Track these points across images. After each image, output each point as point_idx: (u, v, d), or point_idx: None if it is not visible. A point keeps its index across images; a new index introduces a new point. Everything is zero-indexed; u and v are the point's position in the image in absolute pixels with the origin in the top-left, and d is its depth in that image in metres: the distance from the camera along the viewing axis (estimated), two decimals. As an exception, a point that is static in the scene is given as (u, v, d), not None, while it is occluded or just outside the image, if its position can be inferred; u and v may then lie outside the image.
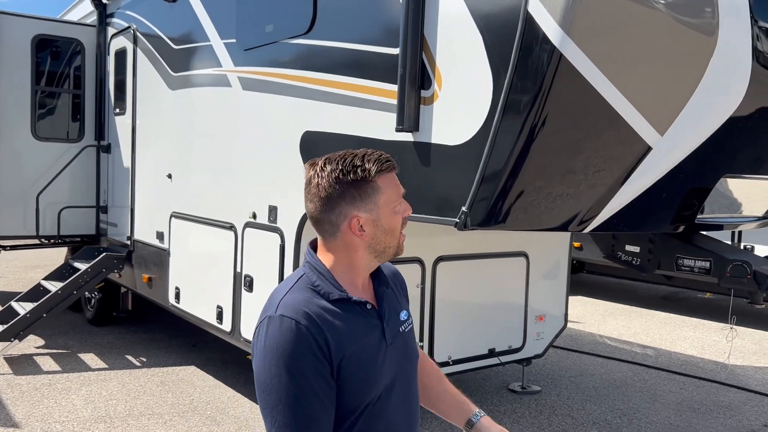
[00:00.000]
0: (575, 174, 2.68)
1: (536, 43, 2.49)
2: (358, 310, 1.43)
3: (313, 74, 3.68)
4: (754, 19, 2.50)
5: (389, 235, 1.45)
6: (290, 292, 1.41)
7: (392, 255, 1.50)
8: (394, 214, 1.45)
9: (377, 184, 1.42)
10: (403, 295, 1.64)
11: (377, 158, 1.44)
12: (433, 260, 4.54)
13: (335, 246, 1.45)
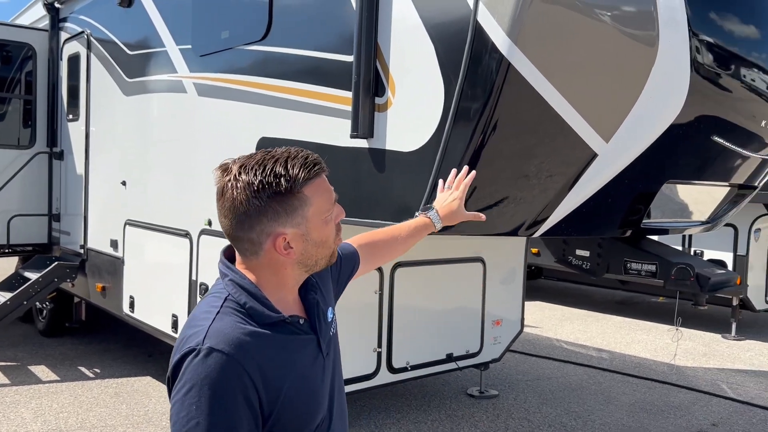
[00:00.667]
0: (525, 179, 2.75)
1: (485, 52, 2.54)
2: (292, 329, 1.27)
3: (269, 81, 3.68)
4: (693, 32, 2.60)
5: (321, 247, 1.29)
6: (218, 318, 1.20)
7: (326, 265, 1.34)
8: (326, 224, 1.28)
9: (304, 194, 1.22)
10: (328, 285, 1.50)
11: (303, 162, 1.23)
12: (391, 266, 4.56)
13: (258, 265, 1.27)
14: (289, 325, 1.26)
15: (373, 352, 4.46)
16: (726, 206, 3.55)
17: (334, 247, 1.33)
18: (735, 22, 2.87)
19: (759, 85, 2.98)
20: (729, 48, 2.81)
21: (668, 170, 2.91)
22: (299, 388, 1.24)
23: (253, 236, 1.23)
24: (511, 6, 2.48)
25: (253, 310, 1.22)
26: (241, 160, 1.24)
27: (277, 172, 1.20)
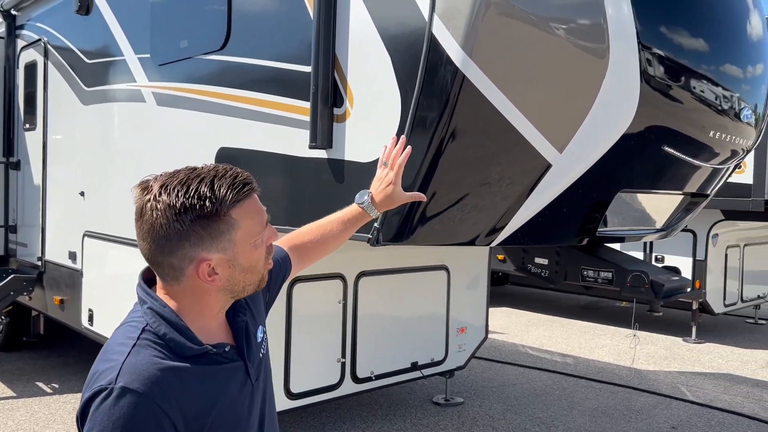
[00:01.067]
0: (481, 189, 2.77)
1: (440, 64, 2.56)
2: (216, 359, 1.19)
3: (228, 90, 3.66)
4: (642, 45, 2.66)
5: (250, 273, 1.20)
6: (133, 352, 1.10)
7: (254, 290, 1.26)
8: (255, 249, 1.19)
9: (232, 217, 1.14)
10: (258, 299, 1.42)
11: (231, 183, 1.15)
12: (355, 276, 4.56)
13: (179, 291, 1.18)
14: (214, 355, 1.18)
15: (336, 362, 4.44)
16: (680, 214, 3.63)
17: (264, 271, 1.25)
18: (684, 35, 2.94)
19: (708, 96, 3.05)
20: (678, 60, 2.88)
21: (621, 180, 2.97)
22: (225, 420, 1.17)
23: (174, 261, 1.14)
24: (465, 19, 2.50)
25: (173, 342, 1.13)
26: (162, 178, 1.16)
27: (202, 193, 1.12)
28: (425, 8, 2.61)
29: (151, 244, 1.15)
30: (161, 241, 1.13)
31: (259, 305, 1.43)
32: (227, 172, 1.18)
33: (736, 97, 3.24)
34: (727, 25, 3.23)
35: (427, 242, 2.88)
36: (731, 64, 3.24)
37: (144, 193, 1.16)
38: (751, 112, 3.39)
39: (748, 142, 3.49)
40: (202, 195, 1.13)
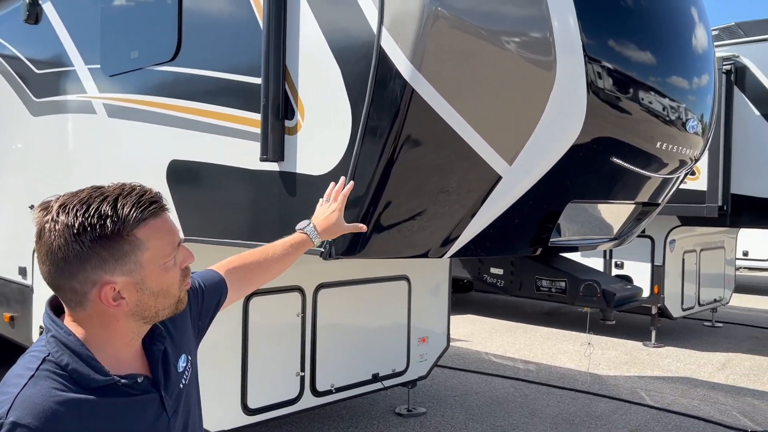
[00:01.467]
0: (433, 202, 2.76)
1: (389, 77, 2.55)
2: (126, 390, 1.13)
3: (180, 102, 3.59)
4: (588, 57, 2.69)
5: (162, 297, 1.15)
6: (30, 384, 1.04)
7: (171, 314, 1.20)
8: (166, 271, 1.14)
9: (137, 237, 1.09)
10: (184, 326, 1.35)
11: (136, 201, 1.11)
12: (314, 288, 4.52)
13: (85, 318, 1.12)
14: (123, 386, 1.12)
15: (296, 376, 4.39)
16: (632, 223, 3.68)
17: (180, 294, 1.20)
18: (631, 47, 2.99)
19: (655, 107, 3.10)
20: (625, 72, 2.92)
21: (571, 191, 2.99)
22: None
23: (75, 285, 1.09)
24: (413, 32, 2.50)
25: (76, 372, 1.07)
26: (63, 198, 1.12)
27: (103, 212, 1.08)
28: (374, 21, 2.59)
29: (50, 267, 1.10)
30: (60, 264, 1.09)
31: (185, 332, 1.36)
32: (133, 191, 1.14)
33: (683, 108, 3.30)
34: (673, 37, 3.29)
35: (379, 255, 2.86)
36: (678, 76, 3.30)
37: (43, 214, 1.12)
38: (698, 122, 3.46)
39: (696, 151, 3.56)
40: (103, 214, 1.08)
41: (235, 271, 1.65)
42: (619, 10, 3.00)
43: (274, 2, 2.96)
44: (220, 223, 3.38)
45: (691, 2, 3.46)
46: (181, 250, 1.20)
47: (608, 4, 2.94)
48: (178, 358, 1.28)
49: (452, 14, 2.54)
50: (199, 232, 3.50)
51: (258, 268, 1.73)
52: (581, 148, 2.80)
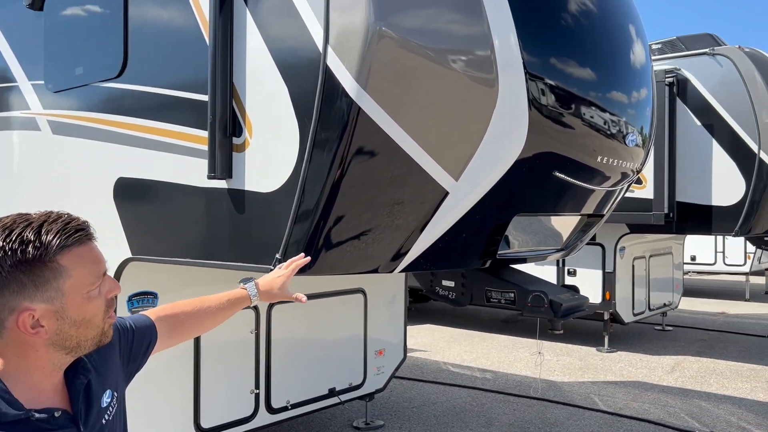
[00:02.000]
0: (381, 218, 2.79)
1: (336, 95, 2.58)
2: (41, 426, 1.09)
3: (126, 119, 3.54)
4: (529, 73, 2.77)
5: (84, 327, 1.13)
6: None
7: (94, 347, 1.17)
8: (89, 301, 1.13)
9: (60, 264, 1.09)
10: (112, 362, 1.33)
11: (61, 228, 1.11)
12: (267, 304, 4.48)
13: (2, 346, 1.09)
14: (37, 421, 1.09)
15: (250, 393, 4.35)
16: (578, 233, 3.78)
17: (104, 326, 1.18)
18: (570, 64, 3.08)
19: (596, 122, 3.20)
20: (565, 88, 3.01)
21: (517, 204, 3.06)
22: None
23: None
24: (359, 51, 2.53)
25: None
26: None
27: (25, 237, 1.07)
28: (319, 40, 2.62)
29: None
30: None
31: (112, 367, 1.34)
32: (59, 218, 1.13)
33: (623, 122, 3.41)
34: (612, 54, 3.41)
35: (330, 272, 2.87)
36: (617, 91, 3.42)
37: None
38: (638, 136, 3.58)
39: (637, 163, 3.68)
40: (25, 240, 1.08)
41: (166, 320, 1.62)
42: (559, 28, 3.09)
43: (220, 20, 2.96)
44: (168, 242, 3.34)
45: (629, 19, 3.59)
46: (106, 280, 1.19)
47: (548, 23, 3.04)
48: (102, 393, 1.25)
49: (396, 33, 2.58)
50: (148, 251, 3.45)
51: (190, 320, 1.69)
52: (525, 163, 2.87)
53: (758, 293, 13.97)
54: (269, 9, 2.88)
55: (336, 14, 2.60)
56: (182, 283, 3.93)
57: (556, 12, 3.09)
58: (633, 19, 3.63)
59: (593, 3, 3.31)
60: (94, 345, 1.19)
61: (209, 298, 1.76)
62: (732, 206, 7.05)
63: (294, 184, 2.74)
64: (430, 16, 2.73)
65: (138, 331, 1.51)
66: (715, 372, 7.26)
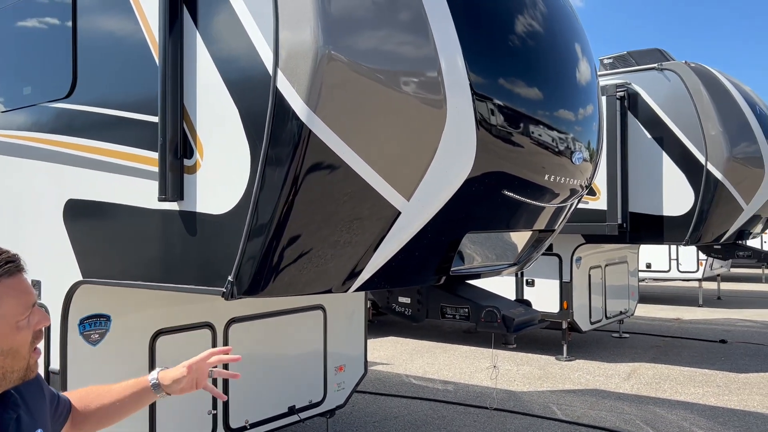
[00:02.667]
0: (334, 239, 2.81)
1: (286, 118, 2.59)
2: None
3: (76, 140, 3.50)
4: (475, 94, 2.83)
5: (12, 358, 1.15)
6: None
7: (20, 380, 1.18)
8: (17, 331, 1.15)
9: None
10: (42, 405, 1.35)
11: None
12: (224, 323, 4.45)
13: None
14: None
15: (207, 414, 4.29)
16: (530, 248, 3.86)
17: (30, 360, 1.19)
18: (517, 83, 3.15)
19: (544, 140, 3.28)
20: (513, 107, 3.08)
21: (469, 222, 3.12)
22: None
23: None
24: (308, 75, 2.55)
25: None
26: None
27: None
28: (269, 63, 2.63)
29: None
30: None
31: (41, 408, 1.35)
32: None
33: (571, 138, 3.50)
34: (557, 72, 3.49)
35: (283, 293, 2.87)
36: (564, 109, 3.50)
37: None
38: (586, 152, 3.67)
39: (585, 178, 3.78)
40: None
41: (76, 401, 1.60)
42: (505, 49, 3.17)
43: (170, 41, 2.96)
44: (120, 265, 3.29)
45: (574, 37, 3.68)
46: (35, 312, 1.20)
47: (494, 44, 3.10)
48: (34, 430, 1.26)
49: (345, 56, 2.61)
50: (99, 274, 3.40)
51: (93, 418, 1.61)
52: (474, 182, 2.93)
53: (711, 299, 14.39)
54: (219, 31, 2.89)
55: (285, 37, 2.62)
56: (135, 305, 3.88)
57: (502, 33, 3.16)
58: (578, 37, 3.73)
59: (539, 23, 3.40)
60: (19, 378, 1.19)
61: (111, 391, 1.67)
62: (682, 216, 7.27)
63: (245, 206, 2.74)
64: (378, 38, 2.77)
65: (62, 401, 1.50)
66: (670, 378, 7.45)
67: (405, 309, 3.53)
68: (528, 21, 3.34)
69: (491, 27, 3.12)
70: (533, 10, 3.39)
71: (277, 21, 2.64)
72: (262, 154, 2.66)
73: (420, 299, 3.51)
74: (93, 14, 3.48)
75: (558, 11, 3.58)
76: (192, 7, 2.96)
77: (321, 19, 2.59)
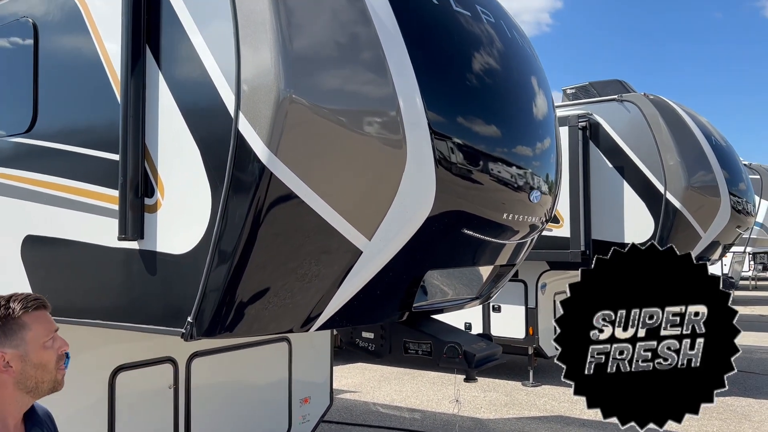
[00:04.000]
0: (296, 279, 2.82)
1: (247, 160, 2.61)
2: None
3: (35, 175, 3.46)
4: (434, 132, 2.88)
5: (41, 370, 1.54)
6: None
7: (49, 391, 1.56)
8: (45, 350, 1.55)
9: (23, 320, 1.53)
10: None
11: (24, 298, 1.58)
12: (186, 357, 4.40)
13: None
14: None
15: (169, 450, 4.22)
16: (491, 282, 3.91)
17: (56, 374, 1.56)
18: (475, 122, 3.20)
19: (503, 176, 3.33)
20: (471, 145, 3.11)
21: (430, 260, 3.16)
22: None
23: None
24: (269, 118, 2.58)
25: None
26: None
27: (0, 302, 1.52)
28: (231, 106, 2.65)
29: None
30: None
31: None
32: (23, 294, 1.59)
33: (529, 173, 3.55)
34: (514, 109, 3.55)
35: (244, 334, 2.87)
36: (522, 144, 3.56)
37: None
38: (545, 184, 3.73)
39: (545, 212, 3.84)
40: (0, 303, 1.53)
41: None
42: (462, 87, 3.21)
43: (132, 79, 2.96)
44: (78, 303, 3.25)
45: (531, 71, 3.75)
46: (57, 338, 1.60)
47: (451, 82, 3.15)
48: None
49: (306, 99, 2.64)
50: (56, 312, 3.31)
51: None
52: (435, 221, 2.97)
53: (674, 320, 14.63)
54: (181, 71, 2.91)
55: (247, 79, 2.64)
56: (94, 341, 3.81)
57: (459, 72, 3.21)
58: (535, 71, 3.80)
59: (495, 60, 3.47)
60: (48, 389, 1.56)
61: None
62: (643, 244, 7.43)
63: (206, 246, 2.74)
64: (338, 79, 2.81)
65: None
66: (633, 403, 7.54)
67: (368, 344, 3.54)
68: (485, 59, 3.40)
69: (448, 66, 3.17)
70: (490, 48, 3.46)
71: (239, 63, 2.66)
72: (223, 195, 2.67)
73: (383, 334, 3.53)
74: (55, 50, 3.46)
75: (515, 48, 3.66)
76: (155, 47, 2.98)
77: (282, 62, 2.62)
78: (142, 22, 2.97)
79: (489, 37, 3.45)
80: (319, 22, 2.83)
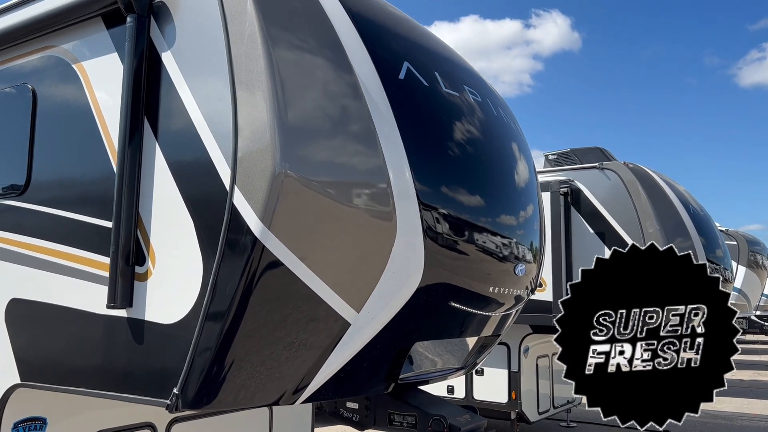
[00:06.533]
0: (284, 350, 2.83)
1: (241, 233, 2.65)
2: None
3: (25, 239, 3.46)
4: (422, 204, 2.95)
5: None
6: None
7: None
8: None
9: None
10: None
11: None
12: (166, 424, 4.31)
13: None
14: None
15: None
16: (476, 353, 3.93)
17: None
18: (460, 192, 3.29)
19: (489, 247, 3.40)
20: (457, 215, 3.20)
21: (417, 333, 3.19)
22: None
23: None
24: (264, 192, 2.64)
25: None
26: None
27: None
28: (227, 179, 2.71)
29: None
30: None
31: None
32: None
33: (514, 243, 3.64)
34: (498, 178, 3.66)
35: (230, 406, 2.85)
36: (505, 214, 3.66)
37: None
38: (529, 253, 3.81)
39: (530, 281, 3.91)
40: None
41: None
42: (448, 158, 3.31)
43: (129, 150, 3.01)
44: (61, 369, 3.21)
45: (513, 139, 3.89)
46: None
47: (438, 155, 3.25)
48: None
49: (300, 174, 2.71)
50: (39, 378, 3.30)
51: None
52: (423, 293, 3.01)
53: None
54: (178, 143, 2.97)
55: (243, 154, 2.71)
56: (74, 406, 3.74)
57: (445, 144, 3.32)
58: (516, 138, 3.94)
59: (480, 135, 3.59)
60: None
61: None
62: (624, 308, 7.51)
63: (195, 317, 2.75)
64: (331, 156, 2.88)
65: None
66: (616, 471, 7.46)
67: (353, 415, 3.53)
68: (470, 133, 3.52)
69: (436, 139, 3.27)
70: (475, 124, 3.58)
71: (236, 138, 2.73)
72: (214, 267, 2.70)
73: (368, 405, 3.52)
74: (52, 116, 3.52)
75: (500, 124, 3.81)
76: (153, 119, 3.05)
77: (279, 137, 2.69)
78: (141, 94, 3.05)
79: (475, 115, 3.59)
80: (312, 96, 2.92)
